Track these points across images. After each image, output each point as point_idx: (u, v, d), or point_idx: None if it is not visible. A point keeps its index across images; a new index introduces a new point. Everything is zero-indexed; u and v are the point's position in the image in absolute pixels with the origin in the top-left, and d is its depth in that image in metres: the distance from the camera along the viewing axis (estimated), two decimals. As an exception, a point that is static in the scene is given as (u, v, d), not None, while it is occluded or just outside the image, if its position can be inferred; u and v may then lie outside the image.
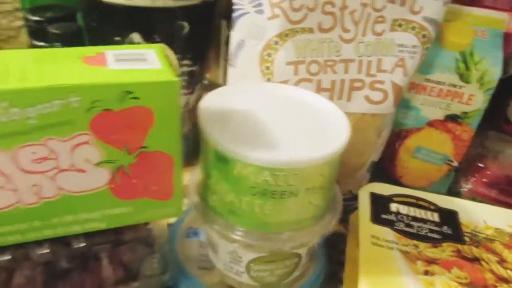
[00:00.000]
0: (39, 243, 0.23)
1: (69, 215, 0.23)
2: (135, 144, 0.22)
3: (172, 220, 0.34)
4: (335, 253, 0.35)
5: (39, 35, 0.42)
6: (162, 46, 0.24)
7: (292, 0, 0.31)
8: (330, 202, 0.29)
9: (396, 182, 0.43)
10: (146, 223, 0.27)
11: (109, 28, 0.36)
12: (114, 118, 0.20)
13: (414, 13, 0.34)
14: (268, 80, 0.34)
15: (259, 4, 0.32)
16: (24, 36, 0.61)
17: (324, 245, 0.34)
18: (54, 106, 0.19)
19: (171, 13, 0.36)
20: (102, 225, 0.24)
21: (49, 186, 0.21)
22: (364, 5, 0.33)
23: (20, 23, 0.58)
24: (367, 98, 0.36)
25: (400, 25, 0.35)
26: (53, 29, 0.38)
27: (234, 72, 0.35)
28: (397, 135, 0.43)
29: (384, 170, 0.45)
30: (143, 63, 0.21)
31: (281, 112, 0.28)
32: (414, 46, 0.35)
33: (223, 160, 0.24)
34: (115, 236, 0.26)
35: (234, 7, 0.33)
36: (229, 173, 0.24)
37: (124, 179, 0.23)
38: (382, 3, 0.34)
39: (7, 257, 0.23)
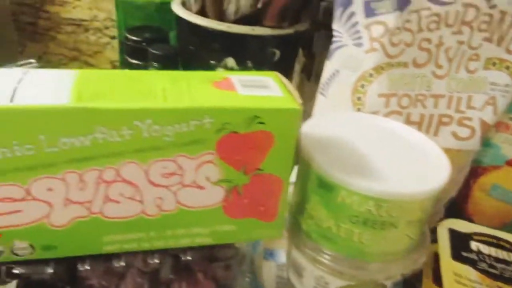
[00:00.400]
0: (150, 252, 0.25)
1: (182, 228, 0.24)
2: (252, 166, 0.23)
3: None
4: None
5: (135, 53, 0.45)
6: (276, 74, 0.25)
7: (391, 36, 0.32)
8: (422, 236, 0.29)
9: (468, 220, 0.42)
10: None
11: (206, 52, 0.38)
12: (238, 140, 0.22)
13: (510, 52, 0.34)
14: (358, 110, 0.34)
15: (359, 38, 0.33)
16: (109, 52, 0.65)
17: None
18: (190, 126, 0.21)
19: (266, 40, 0.38)
20: (209, 240, 0.25)
21: (170, 200, 0.23)
22: (460, 43, 0.34)
23: (107, 39, 0.63)
24: (454, 134, 0.36)
25: (494, 64, 0.35)
26: (153, 50, 0.41)
27: (323, 100, 0.36)
28: (473, 172, 0.42)
29: (456, 206, 0.44)
30: (266, 90, 0.23)
31: (379, 143, 0.29)
32: (506, 85, 0.35)
33: (326, 186, 0.25)
34: (209, 252, 0.27)
35: (333, 39, 0.34)
36: (331, 200, 0.25)
37: (236, 198, 0.24)
38: (478, 42, 0.34)
39: (122, 263, 0.24)
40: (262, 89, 0.23)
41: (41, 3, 0.59)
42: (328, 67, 0.35)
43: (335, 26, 0.34)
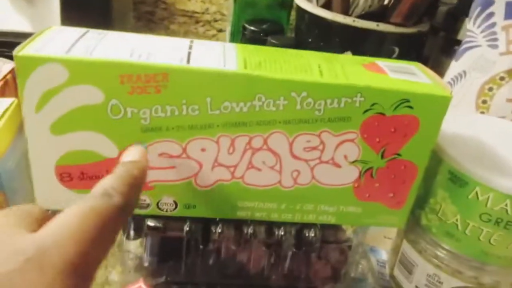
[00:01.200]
0: (276, 226, 0.26)
1: (311, 204, 0.25)
2: (391, 150, 0.23)
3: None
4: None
5: (254, 43, 0.47)
6: (418, 63, 0.25)
7: None
8: None
9: None
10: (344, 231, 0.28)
11: (325, 44, 0.40)
12: (384, 122, 0.22)
13: None
14: (481, 113, 0.34)
15: (495, 39, 0.32)
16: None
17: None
18: (341, 103, 0.22)
19: (388, 37, 0.38)
20: (333, 220, 0.25)
21: (306, 174, 0.24)
22: None
23: (214, 32, 0.66)
24: None
25: None
26: (273, 40, 0.43)
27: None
28: None
29: None
30: (414, 76, 0.23)
31: (510, 144, 0.28)
32: None
33: (459, 180, 0.24)
34: (322, 235, 0.27)
35: (465, 39, 0.34)
36: (461, 195, 0.25)
37: (369, 181, 0.24)
38: None
39: (250, 231, 0.25)
40: (410, 75, 0.23)
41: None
42: (455, 68, 0.34)
43: (470, 26, 0.33)
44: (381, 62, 0.24)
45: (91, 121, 0.21)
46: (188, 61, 0.21)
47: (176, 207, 0.24)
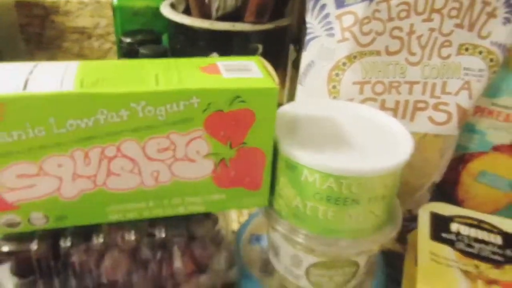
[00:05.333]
0: (126, 231, 0.27)
1: (177, 198, 0.27)
2: (237, 140, 0.26)
3: (236, 227, 0.37)
4: (393, 272, 0.37)
5: (131, 55, 0.48)
6: (259, 58, 0.28)
7: (362, 25, 0.35)
8: (390, 214, 0.31)
9: (459, 206, 0.43)
10: (215, 224, 0.30)
11: (192, 49, 0.42)
12: (223, 118, 0.25)
13: (482, 38, 0.36)
14: (334, 98, 0.37)
15: (330, 28, 0.35)
16: (112, 56, 0.69)
17: (383, 264, 0.36)
18: (180, 106, 0.24)
19: (247, 36, 0.41)
20: (202, 209, 0.28)
21: (165, 173, 0.26)
22: (432, 30, 0.36)
23: (109, 45, 0.67)
24: (431, 119, 0.38)
25: (467, 49, 0.36)
26: (143, 50, 0.44)
27: (302, 90, 0.38)
28: (460, 159, 0.44)
29: (446, 194, 0.46)
30: (248, 72, 0.26)
31: (348, 126, 0.30)
32: (480, 70, 0.37)
33: (291, 167, 0.27)
34: (188, 232, 0.29)
35: (307, 31, 0.36)
36: (296, 179, 0.27)
37: (224, 170, 0.27)
38: (449, 28, 0.36)
39: (100, 240, 0.27)
40: (244, 72, 0.26)
41: (46, 14, 0.63)
42: (305, 58, 0.37)
43: (308, 18, 0.36)
44: (221, 62, 0.27)
45: None
46: (25, 87, 0.22)
47: (48, 220, 0.26)
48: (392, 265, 0.37)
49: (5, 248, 0.26)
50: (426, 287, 0.29)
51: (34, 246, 0.26)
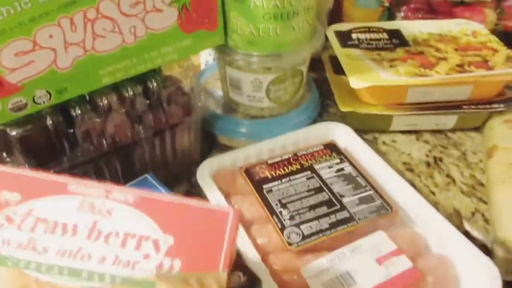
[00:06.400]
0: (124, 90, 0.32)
1: (155, 50, 0.31)
2: (192, -14, 0.31)
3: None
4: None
5: None
6: None
7: None
8: (315, 28, 0.40)
9: None
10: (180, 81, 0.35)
11: None
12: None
13: None
14: None
15: None
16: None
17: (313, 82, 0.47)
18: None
19: None
20: (175, 57, 0.33)
21: (141, 27, 0.30)
22: None
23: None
24: None
25: None
26: None
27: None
28: None
29: (337, 19, 0.55)
30: None
31: None
32: None
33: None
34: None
35: None
36: (246, 9, 0.34)
37: (187, 14, 0.32)
38: None
39: (105, 102, 0.31)
40: None
41: None
42: None
43: None
44: None
45: None
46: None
47: (50, 96, 0.28)
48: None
49: (19, 131, 0.28)
50: (354, 75, 0.39)
51: (48, 121, 0.29)
